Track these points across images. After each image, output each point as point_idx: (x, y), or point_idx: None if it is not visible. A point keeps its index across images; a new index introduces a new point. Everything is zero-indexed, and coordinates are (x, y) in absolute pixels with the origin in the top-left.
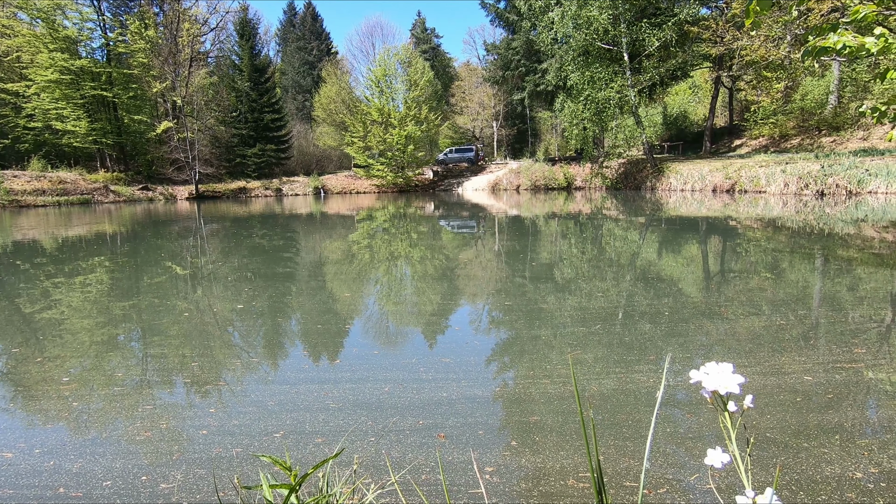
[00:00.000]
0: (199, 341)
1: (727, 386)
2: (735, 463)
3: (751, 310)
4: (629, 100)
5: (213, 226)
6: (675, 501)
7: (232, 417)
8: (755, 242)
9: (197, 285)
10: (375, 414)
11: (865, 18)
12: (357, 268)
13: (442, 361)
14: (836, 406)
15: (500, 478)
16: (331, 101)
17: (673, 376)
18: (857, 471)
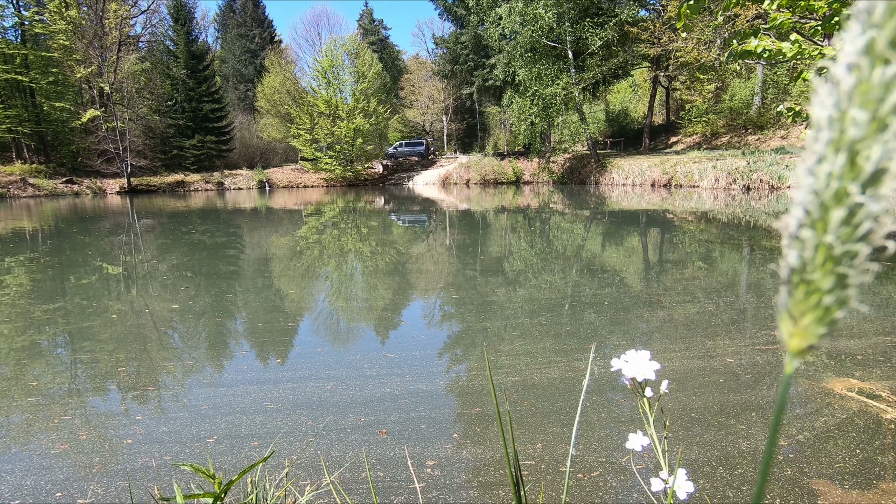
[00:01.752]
0: (130, 345)
1: (644, 373)
2: (653, 445)
3: (686, 298)
4: (574, 97)
5: (149, 221)
6: (608, 483)
7: (161, 424)
8: (690, 234)
9: (131, 285)
10: (316, 413)
11: (783, 25)
12: (304, 264)
13: (387, 357)
14: (754, 385)
15: (441, 471)
16: (275, 91)
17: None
18: None
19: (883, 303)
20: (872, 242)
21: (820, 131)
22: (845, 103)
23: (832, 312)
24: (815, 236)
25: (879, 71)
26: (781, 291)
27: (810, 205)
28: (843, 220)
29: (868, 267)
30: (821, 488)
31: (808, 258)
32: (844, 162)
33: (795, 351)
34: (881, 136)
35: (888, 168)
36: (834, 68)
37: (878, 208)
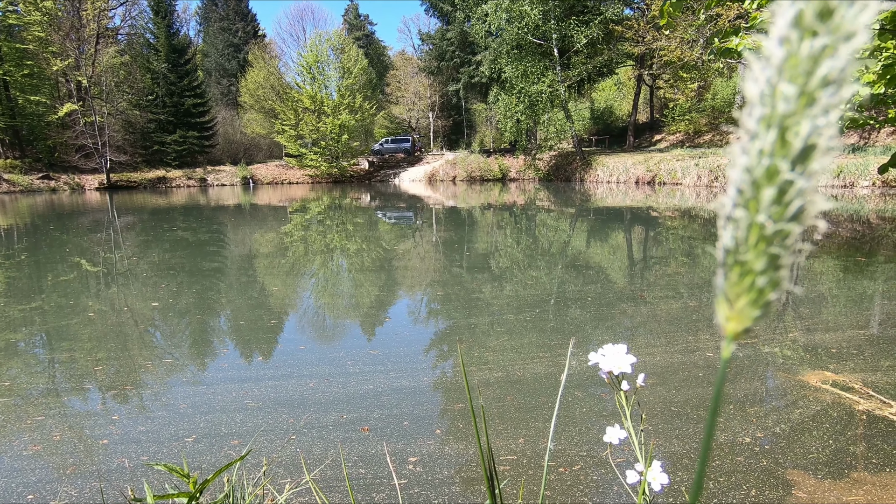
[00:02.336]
0: (108, 344)
1: (620, 366)
2: (630, 438)
3: (669, 293)
4: (559, 94)
5: (129, 218)
6: (588, 477)
7: (138, 424)
8: (673, 231)
9: (111, 283)
10: (297, 411)
11: (763, 23)
12: (289, 261)
13: (370, 354)
14: (733, 379)
15: (423, 467)
16: (259, 86)
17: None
18: (747, 436)
19: (858, 297)
20: (804, 221)
21: (753, 108)
22: (776, 78)
23: (766, 294)
24: (747, 216)
25: (808, 43)
26: (718, 274)
27: (743, 184)
28: (774, 198)
29: (800, 247)
30: (795, 478)
31: (742, 239)
32: (775, 138)
33: (732, 335)
34: (810, 110)
35: (817, 144)
36: (767, 43)
37: (808, 186)
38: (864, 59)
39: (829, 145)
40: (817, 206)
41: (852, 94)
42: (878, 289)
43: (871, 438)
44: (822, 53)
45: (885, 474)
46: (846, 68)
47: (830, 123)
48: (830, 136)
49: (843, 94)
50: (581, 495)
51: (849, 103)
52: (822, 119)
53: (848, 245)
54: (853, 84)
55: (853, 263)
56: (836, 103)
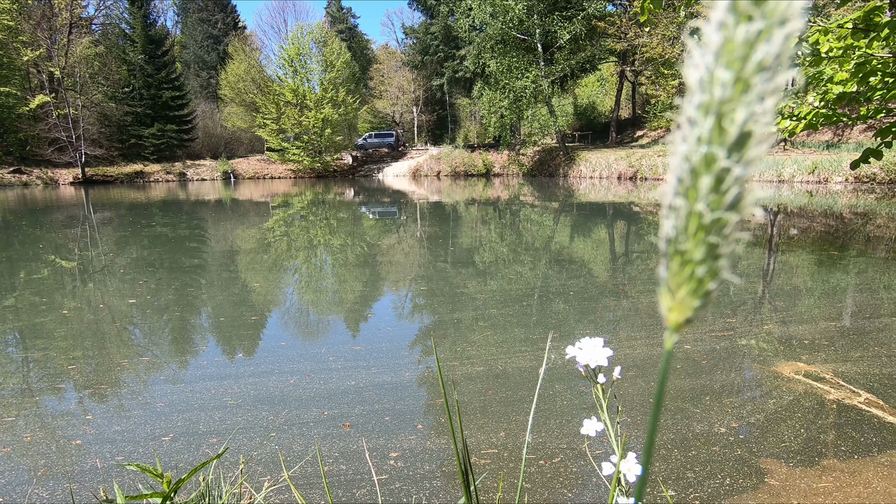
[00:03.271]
0: (83, 342)
1: (597, 359)
2: (607, 431)
3: (651, 287)
4: (543, 90)
5: (106, 214)
6: (568, 469)
7: (113, 423)
8: (655, 226)
9: (87, 280)
10: (278, 408)
11: None
12: (271, 257)
13: (353, 350)
14: (709, 370)
15: (405, 462)
16: (239, 79)
17: None
18: (722, 426)
19: (831, 290)
20: (741, 210)
21: (693, 94)
22: (713, 64)
23: (705, 284)
24: (686, 205)
25: (743, 28)
26: (661, 264)
27: (683, 172)
28: (711, 186)
29: (738, 236)
30: (768, 467)
31: (681, 228)
32: (712, 125)
33: (674, 325)
34: (745, 97)
35: (752, 131)
36: (706, 27)
37: (745, 174)
38: (836, 58)
39: (764, 133)
40: (755, 195)
41: (787, 80)
42: (850, 282)
43: (840, 427)
44: (756, 38)
45: (853, 461)
46: (781, 54)
47: (766, 111)
48: (766, 124)
49: (779, 80)
50: (561, 487)
51: (792, 94)
52: (757, 106)
53: (822, 239)
54: (789, 71)
55: (826, 257)
56: (771, 90)
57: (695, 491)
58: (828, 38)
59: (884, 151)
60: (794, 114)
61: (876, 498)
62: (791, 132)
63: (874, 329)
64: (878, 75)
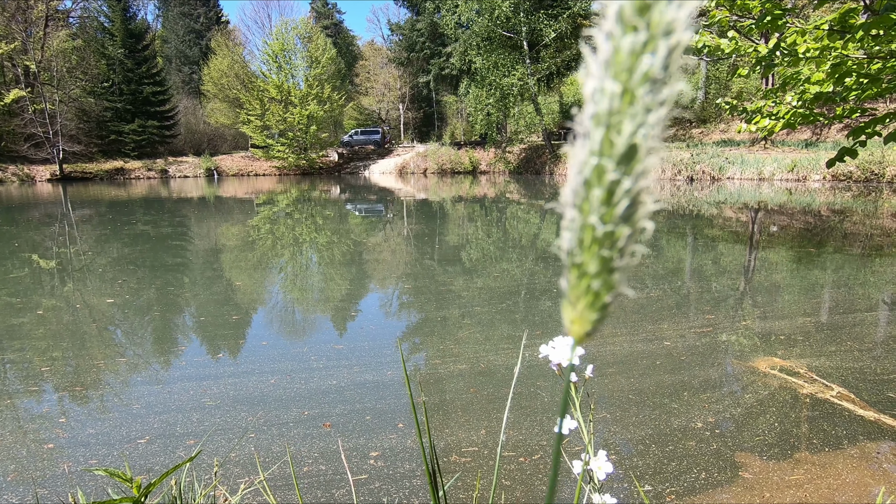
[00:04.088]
0: (58, 343)
1: (570, 358)
2: (580, 428)
3: (635, 284)
4: (529, 88)
5: (85, 211)
6: (547, 466)
7: (87, 426)
8: None
9: (65, 279)
10: (257, 408)
11: (721, 22)
12: (255, 255)
13: (335, 349)
14: (689, 367)
15: (385, 461)
16: (222, 74)
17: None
18: (698, 421)
19: (808, 286)
20: (634, 224)
21: (588, 105)
22: (603, 74)
23: (602, 297)
24: (580, 217)
25: (629, 39)
26: (563, 276)
27: (576, 184)
28: (603, 199)
29: (633, 250)
30: (743, 460)
31: (577, 241)
32: (602, 137)
33: (577, 338)
34: (632, 109)
35: (639, 144)
36: (597, 36)
37: (635, 186)
38: (814, 59)
39: (652, 146)
40: (647, 208)
41: (675, 93)
42: (827, 278)
43: (813, 420)
44: (642, 49)
45: (824, 453)
46: (667, 65)
47: (652, 123)
48: (653, 137)
49: (664, 93)
50: (540, 484)
51: (770, 93)
52: (643, 117)
53: (801, 236)
54: (677, 83)
55: (805, 254)
56: (657, 102)
57: (671, 485)
58: (805, 39)
59: (858, 150)
60: (772, 113)
61: (846, 490)
62: (770, 131)
63: (848, 324)
64: (854, 76)
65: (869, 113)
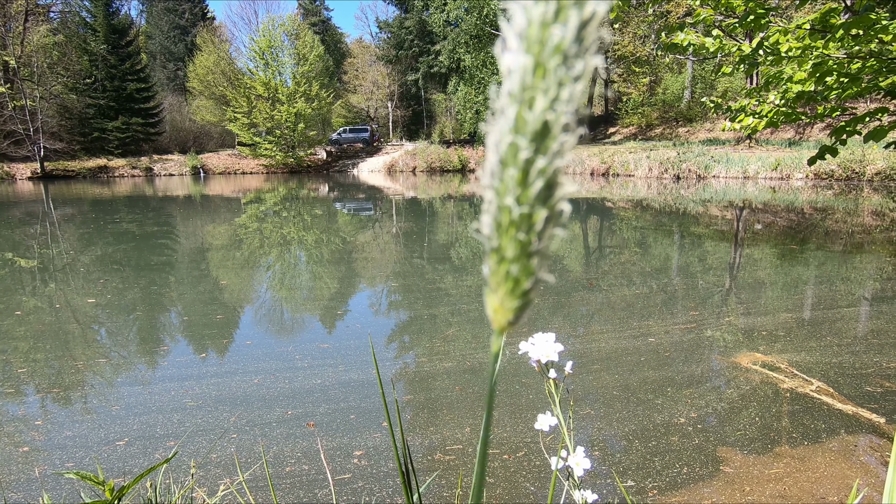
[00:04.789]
0: (37, 344)
1: (548, 355)
2: (560, 425)
3: (623, 281)
4: None
5: (67, 210)
6: (531, 462)
7: (65, 428)
8: (627, 221)
9: (47, 279)
10: (240, 409)
11: (706, 21)
12: (241, 254)
13: (320, 348)
14: (671, 362)
15: (368, 460)
16: (208, 71)
17: (562, 344)
18: (681, 416)
19: (790, 282)
20: (551, 205)
21: (504, 81)
22: (518, 48)
23: (521, 284)
24: (496, 199)
25: (540, 8)
26: (485, 263)
27: (492, 164)
28: (518, 179)
29: (551, 233)
30: (724, 455)
31: (494, 224)
32: (515, 114)
33: (499, 328)
34: (544, 84)
35: (552, 121)
36: (512, 7)
37: (549, 165)
38: (796, 58)
39: (567, 123)
40: (565, 190)
41: (589, 68)
42: (809, 275)
43: (792, 414)
44: (553, 20)
45: (803, 447)
46: (580, 38)
47: (566, 99)
48: (568, 114)
49: (578, 67)
50: (524, 481)
51: (754, 92)
52: (556, 93)
53: (784, 234)
54: (591, 58)
55: (788, 251)
56: (571, 77)
57: (653, 480)
58: (787, 39)
59: (839, 149)
60: (756, 112)
61: (823, 482)
62: (754, 129)
63: (828, 320)
64: (834, 75)
65: (849, 112)
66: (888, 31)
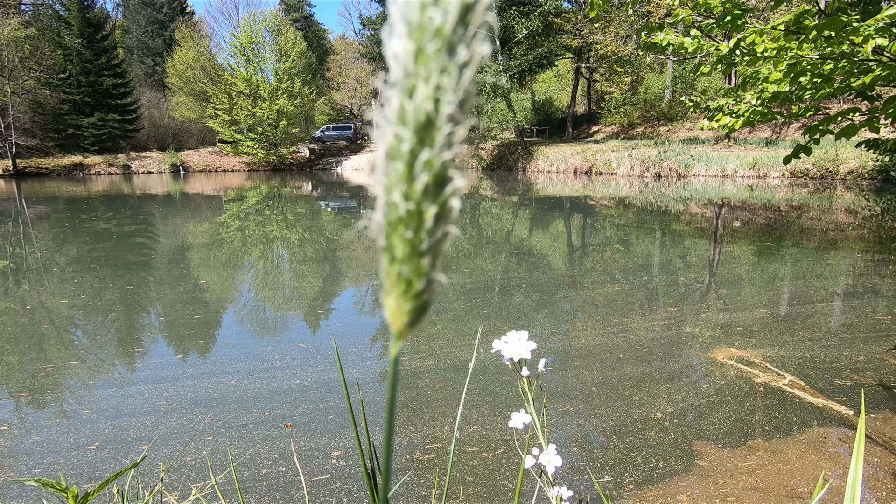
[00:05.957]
0: (7, 346)
1: (521, 353)
2: (533, 423)
3: (605, 278)
4: (502, 84)
5: (41, 208)
6: (510, 460)
7: (32, 433)
8: (609, 219)
9: (21, 280)
10: (216, 410)
11: (684, 21)
12: (222, 254)
13: (299, 347)
14: (649, 358)
15: (347, 461)
16: (188, 67)
17: (543, 341)
18: (658, 411)
19: (768, 279)
20: (440, 201)
21: (391, 68)
22: (402, 33)
23: (414, 285)
24: (385, 195)
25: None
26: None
27: (379, 157)
28: (403, 173)
29: (442, 231)
30: (700, 448)
31: (385, 222)
32: (399, 103)
33: (397, 332)
34: (425, 70)
35: (433, 111)
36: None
37: (433, 158)
38: (771, 59)
39: (452, 113)
40: (455, 185)
41: (476, 55)
42: (785, 271)
43: (766, 408)
44: (433, 2)
45: (775, 440)
46: (464, 22)
47: (450, 87)
48: (452, 103)
49: (462, 55)
50: (503, 479)
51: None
52: (438, 81)
53: (761, 231)
54: (478, 45)
55: (765, 248)
56: (454, 65)
57: (630, 475)
58: (763, 40)
59: (812, 148)
60: (733, 111)
61: (794, 474)
62: (731, 128)
63: (802, 315)
64: (808, 76)
65: (823, 112)
66: (858, 32)
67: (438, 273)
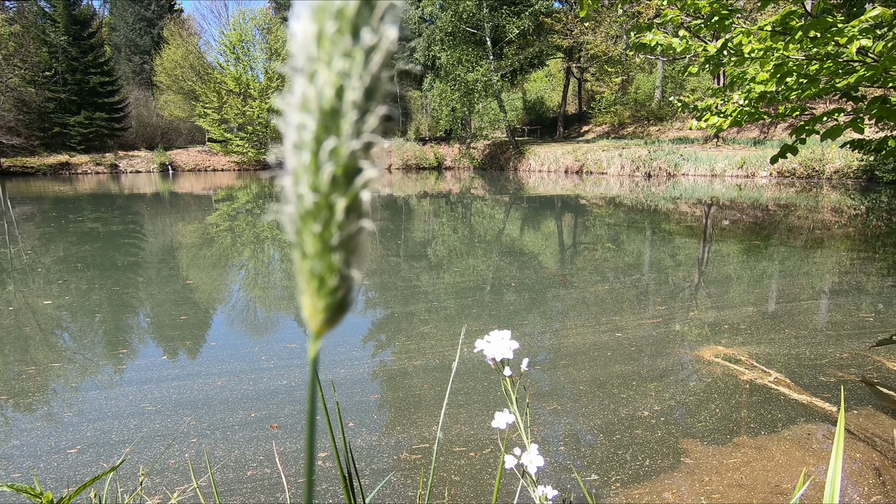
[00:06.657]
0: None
1: (503, 352)
2: (517, 423)
3: (596, 277)
4: (493, 84)
5: (27, 208)
6: (497, 459)
7: (12, 437)
8: (600, 218)
9: (6, 280)
10: (201, 412)
11: (673, 21)
12: (212, 253)
13: (286, 348)
14: (637, 356)
15: (333, 462)
16: (176, 65)
17: (533, 340)
18: (645, 409)
19: (756, 277)
20: (349, 193)
21: (295, 54)
22: (306, 15)
23: (327, 282)
24: (291, 186)
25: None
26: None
27: (286, 147)
28: (310, 164)
29: (357, 225)
30: (685, 446)
31: (293, 215)
32: (303, 89)
33: (314, 331)
34: (326, 53)
35: (332, 96)
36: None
37: (340, 147)
38: (758, 59)
39: (357, 100)
40: (366, 176)
41: (384, 39)
42: (772, 269)
43: (751, 405)
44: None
45: (760, 437)
46: (370, 4)
47: (354, 73)
48: (356, 90)
49: (366, 38)
50: (490, 478)
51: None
52: (342, 65)
53: (749, 230)
54: (386, 28)
55: (753, 247)
56: (359, 49)
57: (617, 473)
58: (750, 40)
59: (799, 148)
60: (721, 111)
61: (778, 471)
62: (719, 128)
63: (789, 312)
64: (794, 76)
65: (809, 112)
66: (843, 33)
67: (354, 269)
